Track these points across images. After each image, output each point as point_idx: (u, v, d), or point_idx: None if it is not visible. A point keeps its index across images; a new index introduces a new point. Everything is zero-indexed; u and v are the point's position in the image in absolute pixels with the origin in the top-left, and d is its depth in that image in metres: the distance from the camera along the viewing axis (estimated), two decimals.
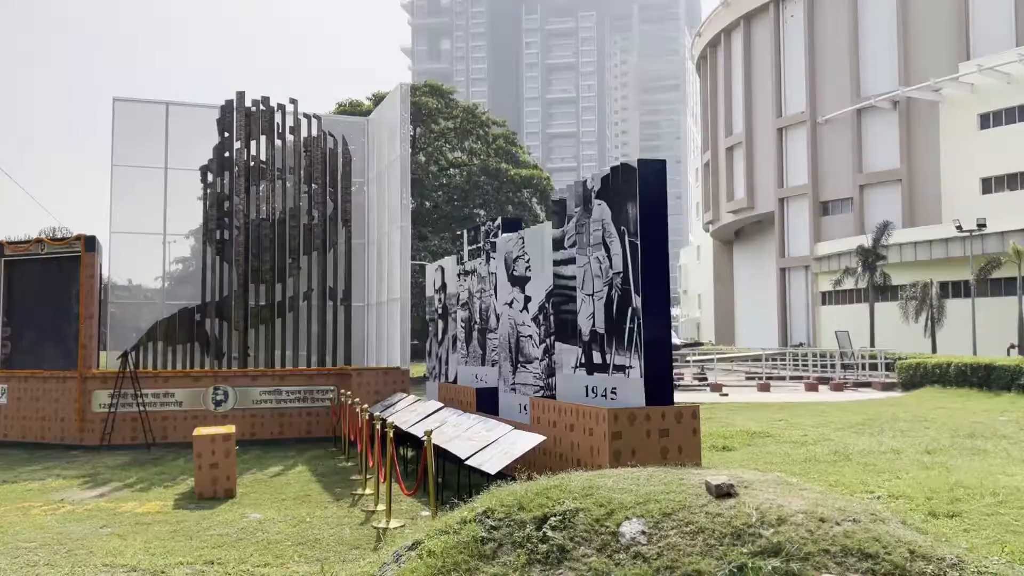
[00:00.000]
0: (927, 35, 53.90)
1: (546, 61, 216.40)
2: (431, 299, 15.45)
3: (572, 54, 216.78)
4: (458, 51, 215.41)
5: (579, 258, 9.05)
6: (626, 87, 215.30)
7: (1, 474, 12.24)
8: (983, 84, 49.82)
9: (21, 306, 15.59)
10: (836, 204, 58.48)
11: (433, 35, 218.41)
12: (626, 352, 8.07)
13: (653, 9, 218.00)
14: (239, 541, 8.13)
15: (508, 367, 11.12)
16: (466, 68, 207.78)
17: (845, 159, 57.16)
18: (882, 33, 55.96)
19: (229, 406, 15.21)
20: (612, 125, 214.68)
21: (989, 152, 49.37)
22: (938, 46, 53.17)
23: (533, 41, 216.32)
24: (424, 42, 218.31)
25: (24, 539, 8.24)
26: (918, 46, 54.24)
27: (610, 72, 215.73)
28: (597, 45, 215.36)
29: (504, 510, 5.38)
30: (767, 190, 63.32)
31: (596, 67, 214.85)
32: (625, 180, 8.16)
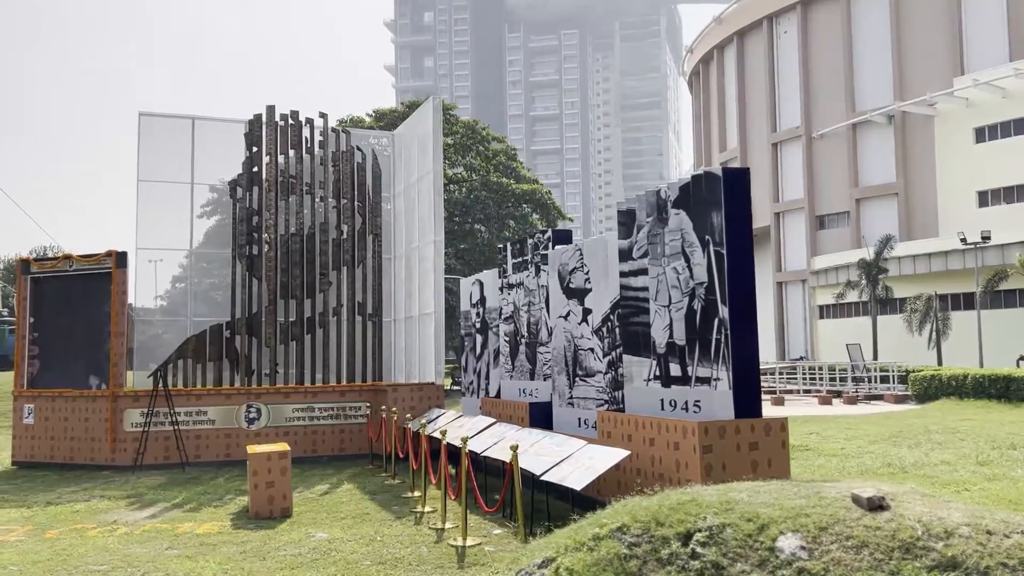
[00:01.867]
0: (921, 50, 54.40)
1: (529, 78, 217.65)
2: (466, 313, 15.28)
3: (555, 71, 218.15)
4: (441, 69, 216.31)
5: (652, 269, 8.92)
6: (608, 104, 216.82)
7: (42, 495, 11.93)
8: (978, 98, 50.27)
9: (48, 324, 15.29)
10: (832, 218, 58.77)
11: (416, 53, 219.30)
12: (712, 364, 7.93)
13: (634, 27, 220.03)
14: (315, 562, 7.91)
15: (564, 381, 10.95)
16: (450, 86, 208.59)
17: (841, 173, 57.50)
18: (876, 48, 56.45)
19: (262, 424, 14.95)
20: (595, 142, 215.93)
21: (985, 165, 49.76)
22: (932, 61, 53.66)
23: (516, 59, 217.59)
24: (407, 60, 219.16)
25: (93, 562, 7.99)
26: (912, 61, 54.74)
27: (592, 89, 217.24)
28: (580, 63, 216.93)
29: (640, 526, 5.21)
30: (762, 205, 63.50)
31: (579, 84, 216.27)
32: (709, 188, 8.05)
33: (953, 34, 53.23)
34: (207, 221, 17.65)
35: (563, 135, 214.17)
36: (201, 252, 16.69)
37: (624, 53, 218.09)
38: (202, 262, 16.80)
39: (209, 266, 16.91)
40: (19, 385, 15.25)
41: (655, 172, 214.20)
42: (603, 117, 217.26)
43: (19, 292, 15.42)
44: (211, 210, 18.09)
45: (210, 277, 16.92)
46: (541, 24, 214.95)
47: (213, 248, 17.13)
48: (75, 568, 7.75)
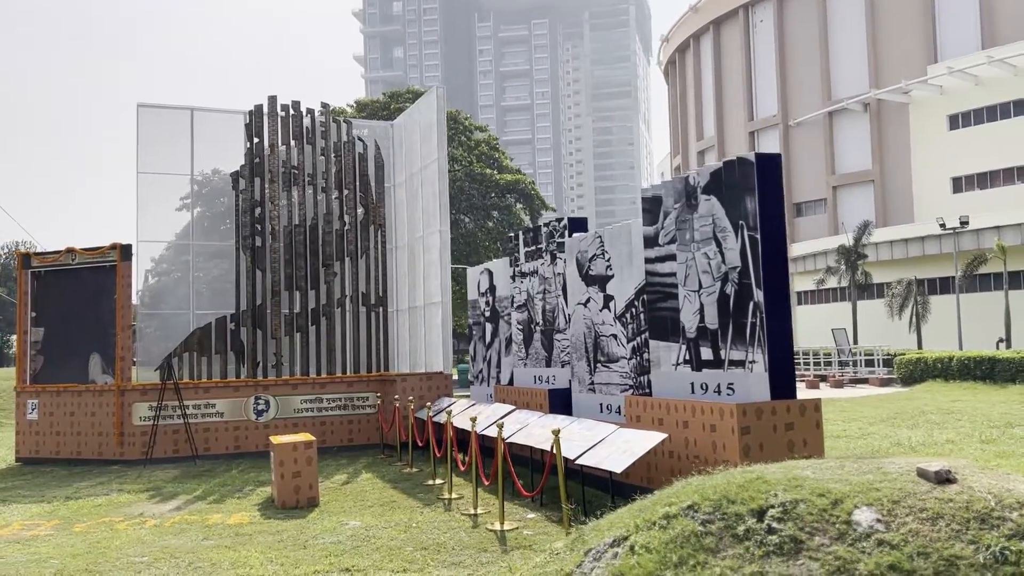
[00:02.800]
0: (896, 38, 55.07)
1: (500, 68, 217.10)
2: (474, 302, 15.33)
3: (526, 61, 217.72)
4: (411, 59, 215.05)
5: (680, 255, 9.04)
6: (579, 94, 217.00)
7: (59, 490, 11.85)
8: (952, 86, 51.02)
9: (51, 319, 15.12)
10: (809, 205, 59.44)
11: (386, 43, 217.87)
12: (747, 347, 8.07)
13: (604, 17, 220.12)
14: (356, 549, 7.96)
15: (584, 367, 11.05)
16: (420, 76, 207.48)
17: (818, 161, 58.13)
18: (851, 37, 57.05)
19: (271, 416, 14.92)
20: (566, 132, 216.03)
21: (959, 152, 50.55)
22: (906, 49, 54.35)
23: (487, 48, 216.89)
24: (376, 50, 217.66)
25: (132, 554, 7.97)
26: (887, 49, 55.39)
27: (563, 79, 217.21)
28: (550, 52, 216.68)
29: (710, 504, 5.32)
30: None
31: (550, 74, 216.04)
32: (742, 174, 8.17)
33: (927, 22, 53.94)
34: (208, 213, 17.50)
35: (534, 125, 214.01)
36: (203, 244, 16.55)
37: (594, 42, 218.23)
38: (204, 254, 16.66)
39: (212, 258, 16.77)
40: (22, 380, 15.08)
41: (626, 161, 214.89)
42: (574, 107, 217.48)
43: (19, 287, 15.23)
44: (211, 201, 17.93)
45: (213, 269, 16.79)
46: (511, 14, 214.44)
47: (215, 240, 17.00)
48: (116, 560, 7.73)
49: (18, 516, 10.12)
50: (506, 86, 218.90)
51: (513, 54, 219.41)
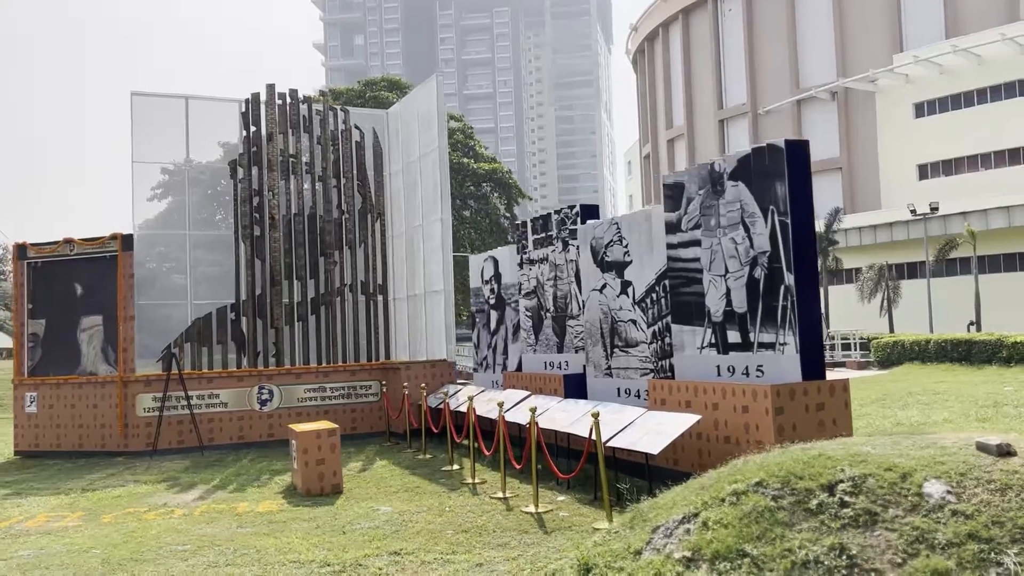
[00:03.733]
0: (862, 27, 55.93)
1: (462, 57, 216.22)
2: (477, 290, 15.41)
3: (488, 50, 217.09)
4: (372, 47, 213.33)
5: (705, 240, 9.21)
6: (541, 83, 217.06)
7: (72, 482, 11.75)
8: (917, 75, 51.95)
9: (48, 311, 14.92)
10: None
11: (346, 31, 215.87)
12: (778, 329, 8.26)
13: (565, 5, 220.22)
14: (396, 533, 8.04)
15: (600, 352, 11.21)
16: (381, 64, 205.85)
17: None
18: (819, 26, 57.82)
19: (274, 405, 14.89)
20: (529, 120, 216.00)
21: (924, 140, 51.55)
22: (873, 38, 55.23)
23: (448, 37, 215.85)
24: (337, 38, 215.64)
25: (171, 543, 7.98)
26: (854, 38, 56.24)
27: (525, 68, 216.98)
28: (512, 41, 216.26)
29: (777, 480, 5.49)
30: None
31: (512, 63, 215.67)
32: (772, 160, 8.34)
33: (893, 12, 54.85)
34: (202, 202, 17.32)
35: (497, 114, 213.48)
36: (200, 235, 16.39)
37: (555, 31, 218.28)
38: (201, 245, 16.50)
39: (207, 248, 16.61)
40: (20, 373, 14.88)
41: (588, 150, 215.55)
42: (536, 96, 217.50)
43: (15, 278, 14.99)
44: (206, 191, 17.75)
45: (209, 259, 16.64)
46: (473, 2, 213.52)
47: (209, 230, 16.85)
48: (158, 549, 7.73)
49: (39, 508, 10.04)
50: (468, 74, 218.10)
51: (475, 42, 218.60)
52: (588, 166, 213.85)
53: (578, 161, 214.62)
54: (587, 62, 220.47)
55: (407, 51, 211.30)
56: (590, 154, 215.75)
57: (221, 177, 16.87)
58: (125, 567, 7.13)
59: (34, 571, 7.10)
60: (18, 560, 7.49)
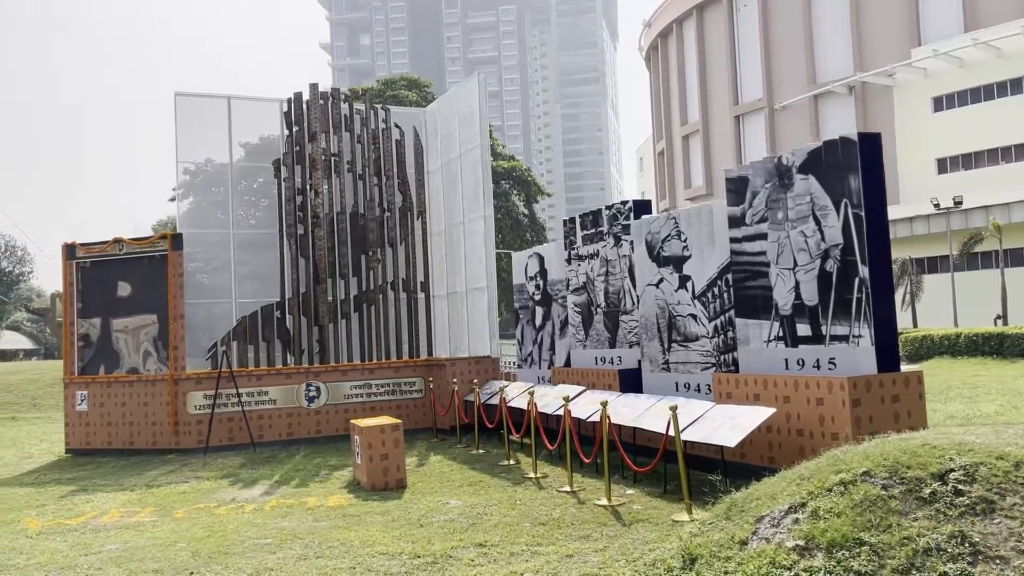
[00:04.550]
0: (879, 21, 55.72)
1: (468, 55, 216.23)
2: (521, 287, 15.47)
3: (494, 48, 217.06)
4: (378, 46, 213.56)
5: (772, 233, 9.25)
6: (547, 80, 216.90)
7: (133, 479, 11.87)
8: (936, 68, 51.75)
9: (97, 310, 15.04)
10: None
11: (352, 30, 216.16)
12: (851, 322, 8.30)
13: (570, 3, 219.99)
14: (474, 526, 8.11)
15: (657, 347, 11.26)
16: (387, 63, 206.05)
17: (804, 143, 58.60)
18: (835, 19, 57.64)
19: (322, 402, 14.99)
20: (535, 118, 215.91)
21: (943, 134, 51.34)
22: (890, 32, 55.02)
23: (454, 35, 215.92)
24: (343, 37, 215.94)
25: (254, 536, 8.07)
26: (871, 32, 56.05)
27: (531, 66, 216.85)
28: (518, 39, 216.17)
29: (885, 470, 5.54)
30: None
31: (518, 61, 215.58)
32: (845, 153, 8.38)
33: (910, 5, 54.63)
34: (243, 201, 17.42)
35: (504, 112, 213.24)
36: (245, 233, 16.49)
37: (561, 28, 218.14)
38: (244, 243, 16.59)
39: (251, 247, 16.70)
40: (69, 372, 15.01)
41: (595, 148, 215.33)
42: (542, 93, 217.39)
43: (65, 278, 15.12)
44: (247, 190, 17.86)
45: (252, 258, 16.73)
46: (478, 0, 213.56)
47: (251, 228, 16.94)
48: (242, 543, 7.82)
49: (109, 504, 10.15)
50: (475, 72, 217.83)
51: (481, 41, 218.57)
52: (595, 163, 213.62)
53: (584, 159, 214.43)
54: (593, 59, 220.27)
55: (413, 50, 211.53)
56: (597, 151, 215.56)
57: (258, 176, 16.97)
58: (216, 560, 7.22)
59: (128, 563, 7.20)
60: (107, 554, 7.59)
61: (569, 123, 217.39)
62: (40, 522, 9.25)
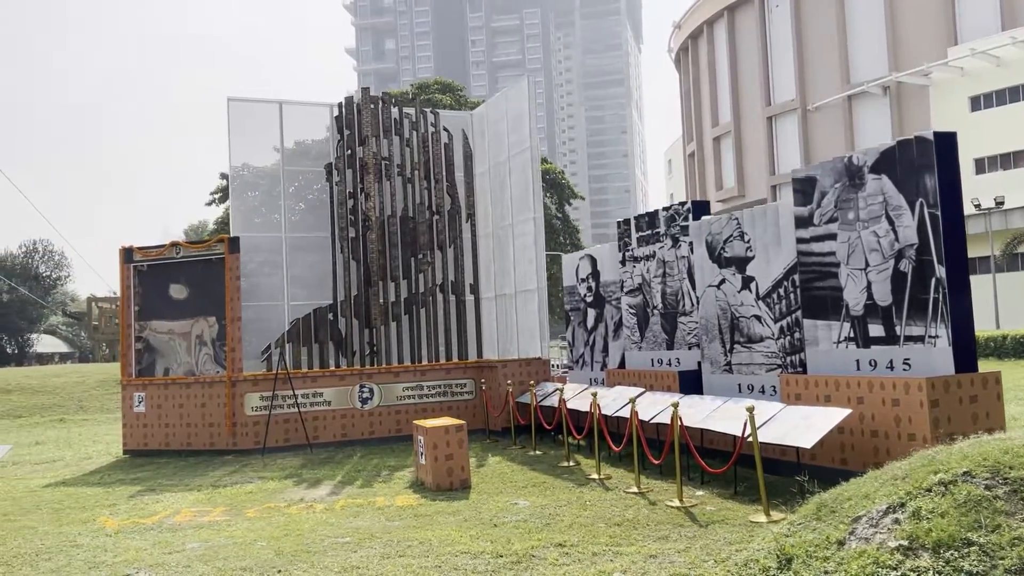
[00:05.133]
0: (914, 20, 55.17)
1: (492, 59, 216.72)
2: (572, 289, 15.50)
3: (518, 51, 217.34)
4: (403, 50, 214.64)
5: (841, 233, 9.21)
6: (571, 83, 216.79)
7: (197, 479, 12.02)
8: (973, 67, 51.10)
9: (154, 313, 15.26)
10: None
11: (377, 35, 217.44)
12: (927, 322, 8.24)
13: (594, 5, 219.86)
14: (548, 526, 8.14)
15: (718, 348, 11.23)
16: (412, 67, 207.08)
17: (837, 144, 58.19)
18: (869, 19, 57.13)
19: (375, 403, 15.10)
20: (559, 121, 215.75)
21: (981, 133, 50.63)
22: (926, 31, 54.45)
23: (479, 39, 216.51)
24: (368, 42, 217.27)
25: (331, 535, 8.15)
26: (906, 31, 55.49)
27: (555, 68, 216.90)
28: (542, 42, 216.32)
29: (986, 470, 5.51)
30: (758, 177, 64.31)
31: (542, 64, 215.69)
32: (920, 152, 8.33)
33: (946, 3, 54.03)
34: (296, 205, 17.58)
35: None
36: (298, 237, 16.63)
37: (585, 31, 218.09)
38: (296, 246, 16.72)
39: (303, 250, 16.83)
40: (127, 374, 15.24)
41: (619, 150, 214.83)
42: (567, 96, 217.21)
43: (122, 282, 15.36)
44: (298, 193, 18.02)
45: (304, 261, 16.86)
46: (502, 3, 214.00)
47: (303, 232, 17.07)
48: (321, 541, 7.90)
49: (179, 503, 10.29)
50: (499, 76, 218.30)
51: (505, 44, 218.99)
52: (619, 165, 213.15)
53: (609, 161, 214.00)
54: (617, 61, 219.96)
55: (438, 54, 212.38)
56: (621, 153, 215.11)
57: (294, 180, 17.11)
58: (300, 558, 7.31)
59: (214, 561, 7.30)
60: (191, 552, 7.71)
61: (593, 125, 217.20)
62: (116, 521, 9.40)
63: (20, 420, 25.03)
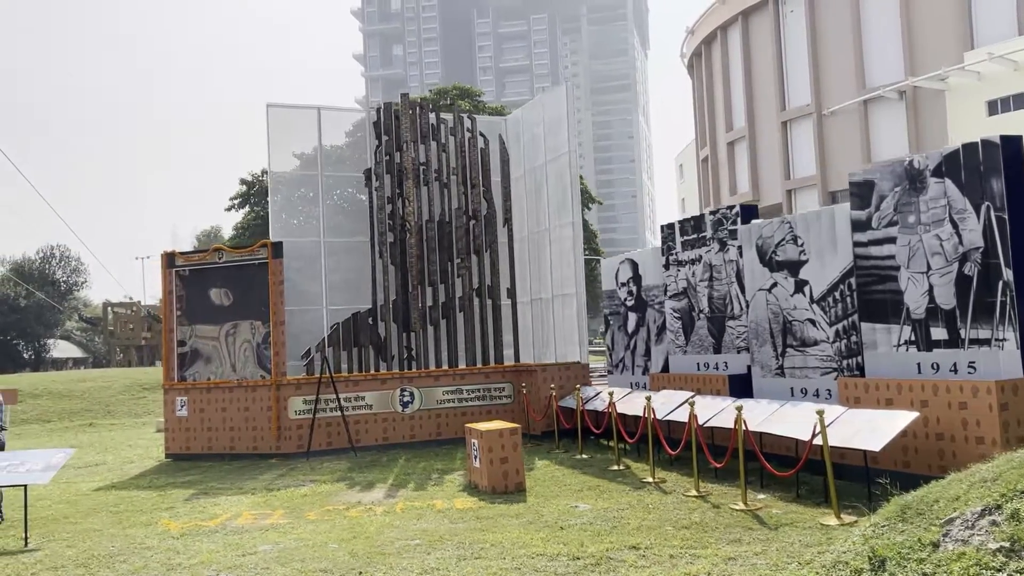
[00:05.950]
0: (930, 25, 55.06)
1: (500, 64, 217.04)
2: (611, 293, 15.53)
3: (525, 56, 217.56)
4: (411, 56, 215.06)
5: (902, 237, 9.23)
6: (578, 88, 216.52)
7: (249, 483, 12.08)
8: (990, 72, 51.01)
9: (197, 317, 15.35)
10: (846, 194, 58.96)
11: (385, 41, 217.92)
12: (994, 325, 8.25)
13: (601, 11, 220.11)
14: (615, 529, 8.16)
15: (769, 352, 11.25)
16: (420, 73, 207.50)
17: (853, 149, 58.12)
18: (885, 24, 57.06)
19: (415, 407, 15.15)
20: None
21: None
22: (942, 35, 54.34)
23: (486, 44, 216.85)
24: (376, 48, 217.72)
25: (398, 537, 8.19)
26: (922, 36, 55.40)
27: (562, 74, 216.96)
28: (550, 47, 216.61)
29: None
30: (773, 182, 64.13)
31: (549, 69, 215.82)
32: (986, 155, 8.36)
33: (962, 8, 53.96)
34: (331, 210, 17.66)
35: None
36: (336, 242, 16.71)
37: (592, 36, 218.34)
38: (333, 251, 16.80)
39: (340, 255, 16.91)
40: (169, 378, 15.32)
41: (626, 155, 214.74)
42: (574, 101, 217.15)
43: (164, 286, 15.46)
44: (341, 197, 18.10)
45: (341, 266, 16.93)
46: (509, 9, 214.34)
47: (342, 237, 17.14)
48: (391, 543, 7.94)
49: (238, 506, 10.35)
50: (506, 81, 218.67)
51: (512, 49, 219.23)
52: (625, 171, 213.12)
53: (615, 166, 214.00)
54: (624, 66, 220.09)
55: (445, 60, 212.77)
56: (628, 159, 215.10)
57: (351, 185, 17.22)
58: (376, 560, 7.35)
59: (291, 563, 7.35)
60: (264, 554, 7.76)
61: (600, 130, 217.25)
62: (178, 524, 9.47)
63: (50, 425, 25.17)
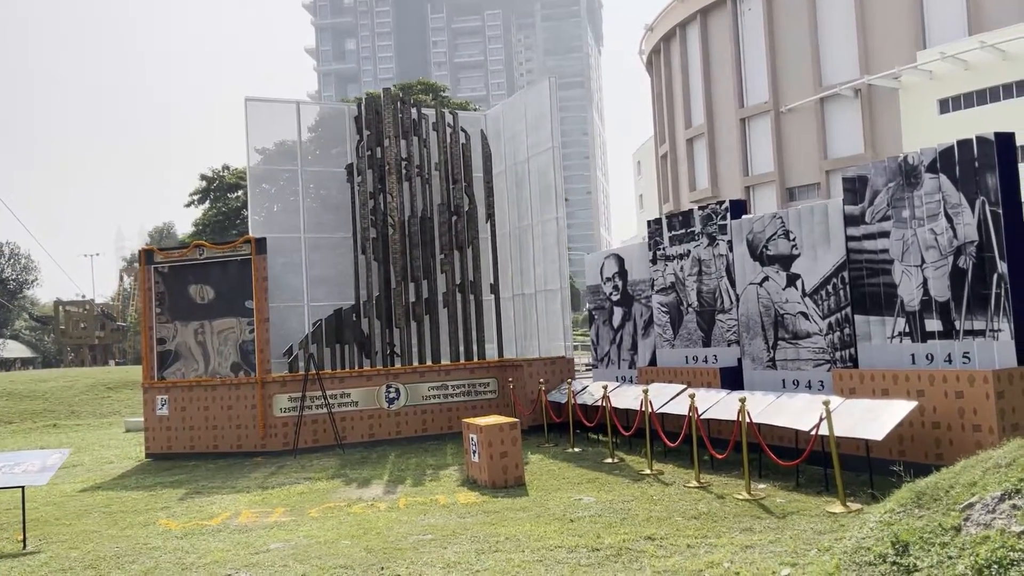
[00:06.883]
0: (884, 24, 56.26)
1: (454, 59, 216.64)
2: (596, 287, 15.63)
3: (480, 52, 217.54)
4: (364, 51, 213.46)
5: (896, 231, 9.46)
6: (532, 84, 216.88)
7: (242, 481, 11.95)
8: (942, 71, 52.27)
9: (177, 315, 15.11)
10: (803, 190, 60.43)
11: (337, 35, 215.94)
12: (988, 316, 8.51)
13: (555, 7, 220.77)
14: (625, 521, 8.25)
15: (760, 345, 11.45)
16: (373, 68, 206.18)
17: (810, 146, 59.20)
18: (841, 23, 58.12)
19: (401, 403, 15.11)
20: None
21: (949, 135, 51.50)
22: (895, 35, 55.54)
23: (440, 40, 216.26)
24: (328, 42, 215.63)
25: (408, 532, 8.20)
26: (876, 35, 56.57)
27: (517, 70, 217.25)
28: (504, 43, 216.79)
29: None
30: (732, 178, 64.98)
31: (504, 65, 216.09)
32: (981, 152, 8.61)
33: (914, 8, 55.21)
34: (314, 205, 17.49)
35: None
36: (318, 237, 16.56)
37: (546, 32, 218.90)
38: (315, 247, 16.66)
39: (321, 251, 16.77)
40: (149, 377, 15.06)
41: (580, 152, 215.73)
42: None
43: (143, 283, 15.19)
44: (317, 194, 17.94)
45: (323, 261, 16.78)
46: (464, 4, 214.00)
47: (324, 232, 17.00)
48: (405, 539, 7.94)
49: (235, 505, 10.24)
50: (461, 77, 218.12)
51: (467, 45, 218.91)
52: (580, 167, 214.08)
53: (570, 163, 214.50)
54: (578, 63, 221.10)
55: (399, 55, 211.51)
56: (582, 155, 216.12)
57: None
58: (393, 555, 7.34)
59: (308, 560, 7.31)
60: (278, 552, 7.70)
61: None
62: (178, 523, 9.34)
63: (12, 426, 24.55)
